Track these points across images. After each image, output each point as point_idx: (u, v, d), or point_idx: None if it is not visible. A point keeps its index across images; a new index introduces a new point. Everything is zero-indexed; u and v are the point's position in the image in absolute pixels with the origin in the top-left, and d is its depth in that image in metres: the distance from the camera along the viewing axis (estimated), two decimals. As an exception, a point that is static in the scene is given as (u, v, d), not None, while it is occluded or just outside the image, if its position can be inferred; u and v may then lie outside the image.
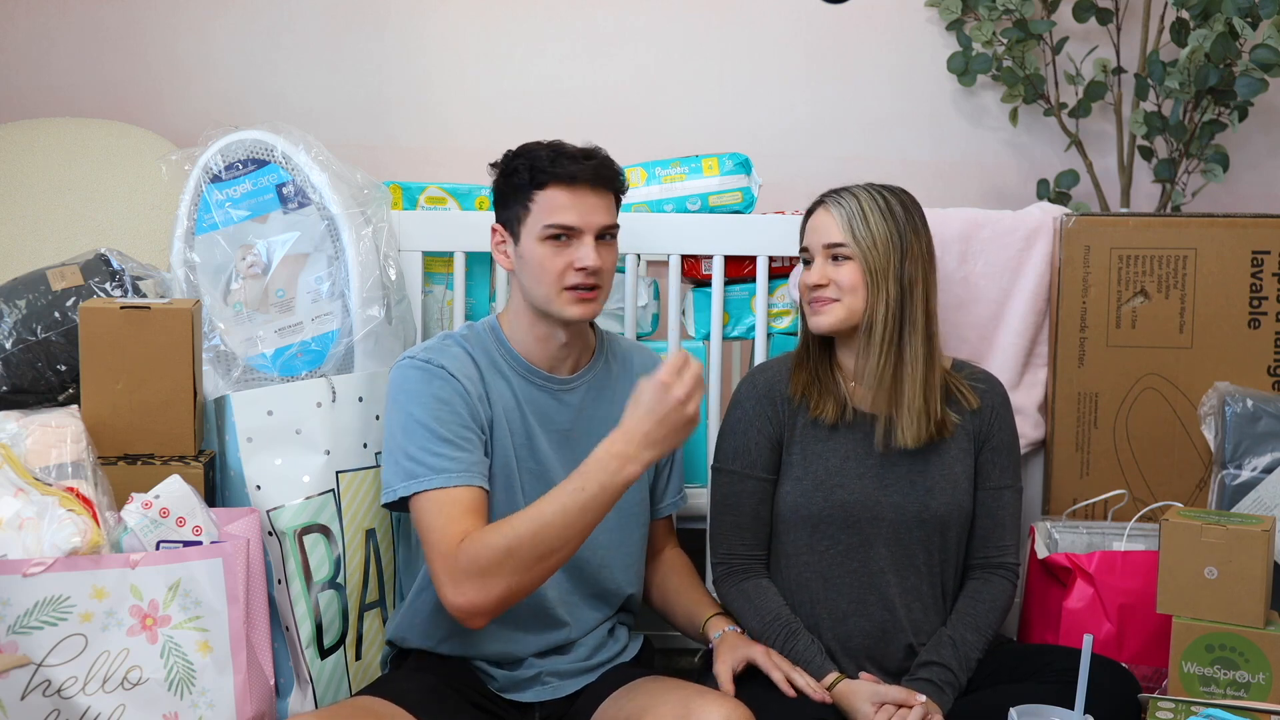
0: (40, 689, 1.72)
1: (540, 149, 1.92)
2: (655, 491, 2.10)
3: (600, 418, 2.01)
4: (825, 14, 3.11)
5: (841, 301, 1.96)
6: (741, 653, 1.91)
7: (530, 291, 1.93)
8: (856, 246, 1.95)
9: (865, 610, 1.98)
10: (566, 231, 1.89)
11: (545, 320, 1.94)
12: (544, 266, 1.89)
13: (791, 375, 2.04)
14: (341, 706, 1.85)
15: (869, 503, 1.98)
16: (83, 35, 3.08)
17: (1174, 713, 1.81)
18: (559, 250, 1.89)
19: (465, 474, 1.83)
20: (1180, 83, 2.82)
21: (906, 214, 1.98)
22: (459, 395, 1.88)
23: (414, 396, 1.87)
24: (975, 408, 2.03)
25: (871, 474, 1.99)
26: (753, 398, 2.04)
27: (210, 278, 2.22)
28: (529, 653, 1.95)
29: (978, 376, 2.08)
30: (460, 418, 1.87)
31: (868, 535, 1.98)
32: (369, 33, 3.10)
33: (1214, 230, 2.32)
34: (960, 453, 2.02)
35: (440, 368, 1.89)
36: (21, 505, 1.76)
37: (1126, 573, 2.06)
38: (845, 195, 1.99)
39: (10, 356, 2.09)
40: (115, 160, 2.61)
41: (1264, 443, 2.20)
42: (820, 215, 2.01)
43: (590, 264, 1.88)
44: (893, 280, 1.95)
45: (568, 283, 1.89)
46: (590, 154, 1.93)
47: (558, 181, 1.89)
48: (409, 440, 1.85)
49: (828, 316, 1.97)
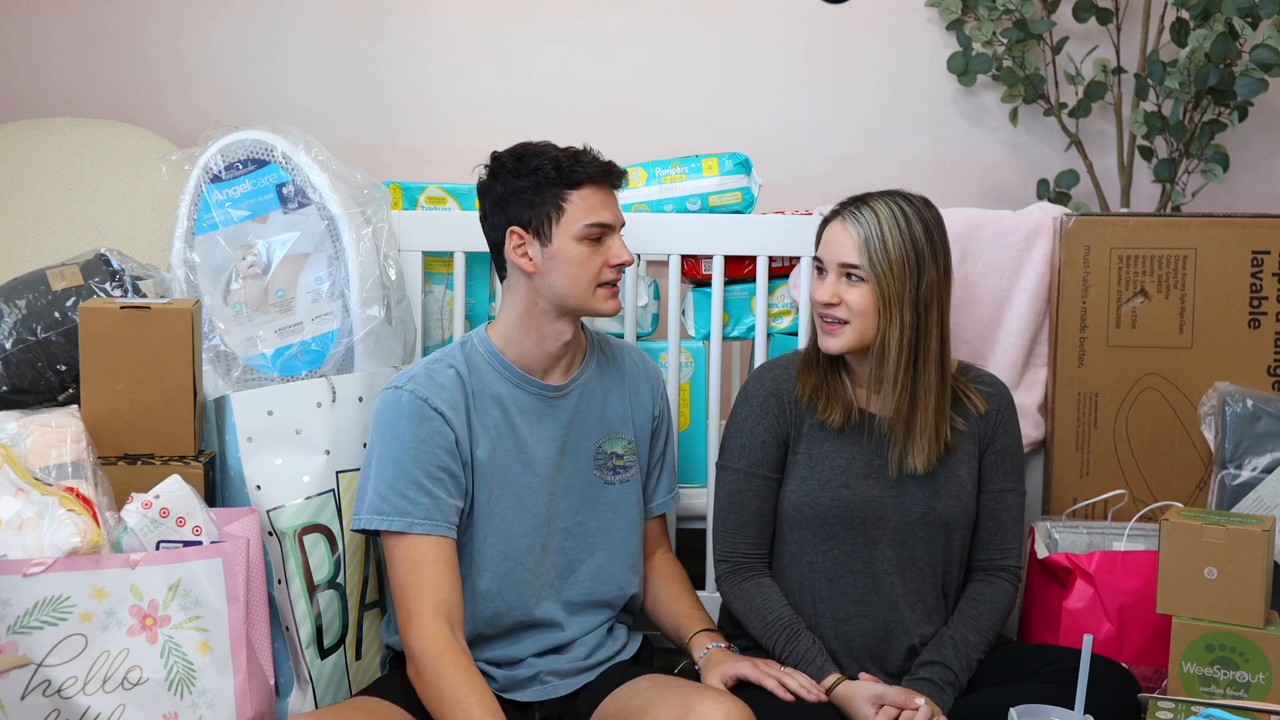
0: (40, 689, 1.72)
1: (551, 150, 1.94)
2: (646, 491, 2.10)
3: (593, 421, 2.01)
4: (825, 14, 3.11)
5: (851, 325, 1.93)
6: (729, 668, 1.90)
7: (561, 290, 1.92)
8: (872, 270, 1.90)
9: (868, 611, 1.98)
10: (604, 230, 1.93)
11: (558, 318, 1.95)
12: (583, 265, 1.91)
13: (799, 377, 2.03)
14: (341, 707, 1.86)
15: (874, 504, 1.98)
16: (83, 35, 3.08)
17: (1174, 713, 1.81)
18: (595, 249, 1.93)
19: (428, 522, 1.86)
20: (1180, 83, 2.81)
21: (927, 233, 1.92)
22: (440, 434, 1.89)
23: (395, 432, 1.89)
24: (983, 412, 2.02)
25: (878, 475, 1.99)
26: (760, 395, 2.03)
27: (210, 278, 2.22)
28: (528, 653, 1.95)
29: (983, 380, 2.07)
30: (437, 458, 1.89)
31: (872, 536, 1.98)
32: (369, 33, 3.09)
33: (1214, 230, 2.32)
34: (966, 456, 2.01)
35: (424, 401, 1.90)
36: (21, 505, 1.76)
37: (1126, 573, 2.07)
38: (865, 211, 1.92)
39: (10, 356, 2.09)
40: (115, 160, 2.61)
41: (1264, 443, 2.20)
42: (837, 229, 1.95)
43: (628, 258, 1.94)
44: (907, 306, 1.90)
45: (603, 279, 1.93)
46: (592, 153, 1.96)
47: (591, 182, 1.92)
48: (381, 475, 1.89)
49: (837, 340, 1.95)
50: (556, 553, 1.98)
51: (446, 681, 1.77)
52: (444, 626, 1.81)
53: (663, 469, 2.12)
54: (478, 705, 1.74)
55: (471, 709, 1.73)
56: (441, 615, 1.82)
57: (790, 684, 1.86)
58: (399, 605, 1.85)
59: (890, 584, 1.98)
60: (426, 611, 1.82)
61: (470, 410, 1.93)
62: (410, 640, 1.82)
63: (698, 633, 2.00)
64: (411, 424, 1.89)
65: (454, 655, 1.79)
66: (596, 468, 2.01)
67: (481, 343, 1.99)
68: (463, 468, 1.91)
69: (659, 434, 2.11)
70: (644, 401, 2.08)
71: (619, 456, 2.03)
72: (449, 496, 1.89)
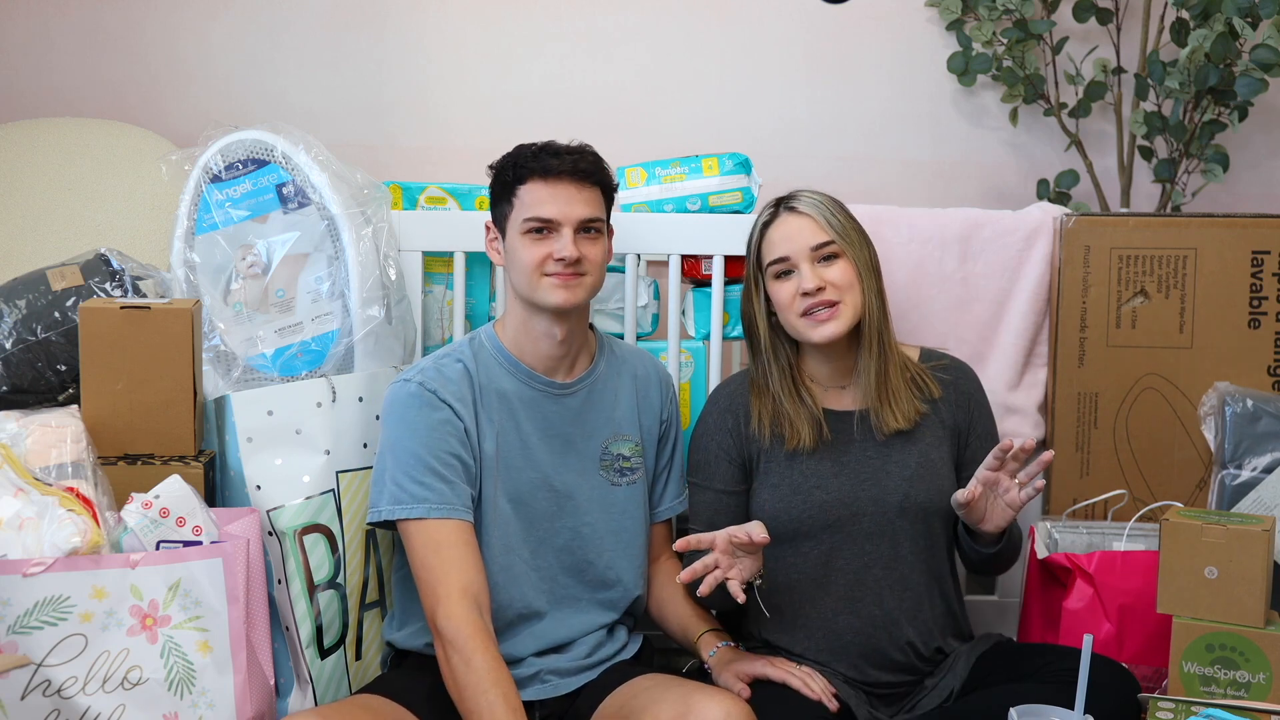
0: (40, 689, 1.72)
1: (528, 147, 1.97)
2: (653, 495, 2.10)
3: (600, 421, 2.02)
4: (825, 14, 3.11)
5: (844, 302, 1.95)
6: (745, 666, 1.90)
7: (515, 284, 1.97)
8: (844, 241, 1.95)
9: (855, 608, 1.98)
10: (545, 225, 1.92)
11: (536, 315, 1.96)
12: (524, 259, 1.93)
13: (752, 407, 2.02)
14: (342, 704, 1.87)
15: (848, 500, 1.97)
16: (83, 35, 3.07)
17: (1174, 713, 1.81)
18: (539, 243, 1.93)
19: (446, 506, 1.87)
20: (1180, 83, 2.81)
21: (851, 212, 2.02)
22: (450, 423, 1.91)
23: (406, 422, 1.91)
24: (937, 397, 2.03)
25: (848, 471, 1.98)
26: (715, 414, 2.06)
27: (210, 278, 2.22)
28: (529, 652, 1.95)
29: (945, 366, 2.07)
30: (449, 445, 1.90)
31: (850, 532, 1.98)
32: (369, 33, 3.09)
33: (1214, 230, 2.32)
34: (935, 440, 2.02)
35: (433, 393, 1.91)
36: (21, 505, 1.76)
37: (1126, 573, 2.06)
38: (800, 200, 1.99)
39: (10, 356, 2.09)
40: (115, 160, 2.61)
41: (1264, 443, 2.20)
42: (790, 221, 1.98)
43: (566, 254, 1.91)
44: (874, 272, 1.98)
45: (547, 270, 1.92)
46: (574, 150, 1.96)
47: (535, 176, 1.93)
48: (397, 465, 1.89)
49: (838, 322, 1.95)
50: (562, 551, 1.99)
51: (474, 669, 1.76)
52: (473, 609, 1.80)
53: (670, 474, 2.12)
54: (501, 700, 1.73)
55: (495, 702, 1.73)
56: (469, 598, 1.81)
57: (815, 685, 1.86)
58: (425, 591, 1.84)
59: (875, 578, 1.98)
60: (455, 594, 1.81)
61: (477, 404, 1.94)
62: (439, 622, 1.80)
63: (706, 632, 2.00)
64: (422, 414, 1.90)
65: (483, 641, 1.78)
66: (603, 468, 2.01)
67: (489, 339, 2.00)
68: (470, 458, 1.92)
69: (667, 438, 2.11)
70: (653, 405, 2.09)
71: (625, 458, 2.03)
72: (463, 482, 1.90)
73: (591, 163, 1.96)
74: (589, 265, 1.94)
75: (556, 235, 1.92)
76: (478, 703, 1.73)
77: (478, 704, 1.73)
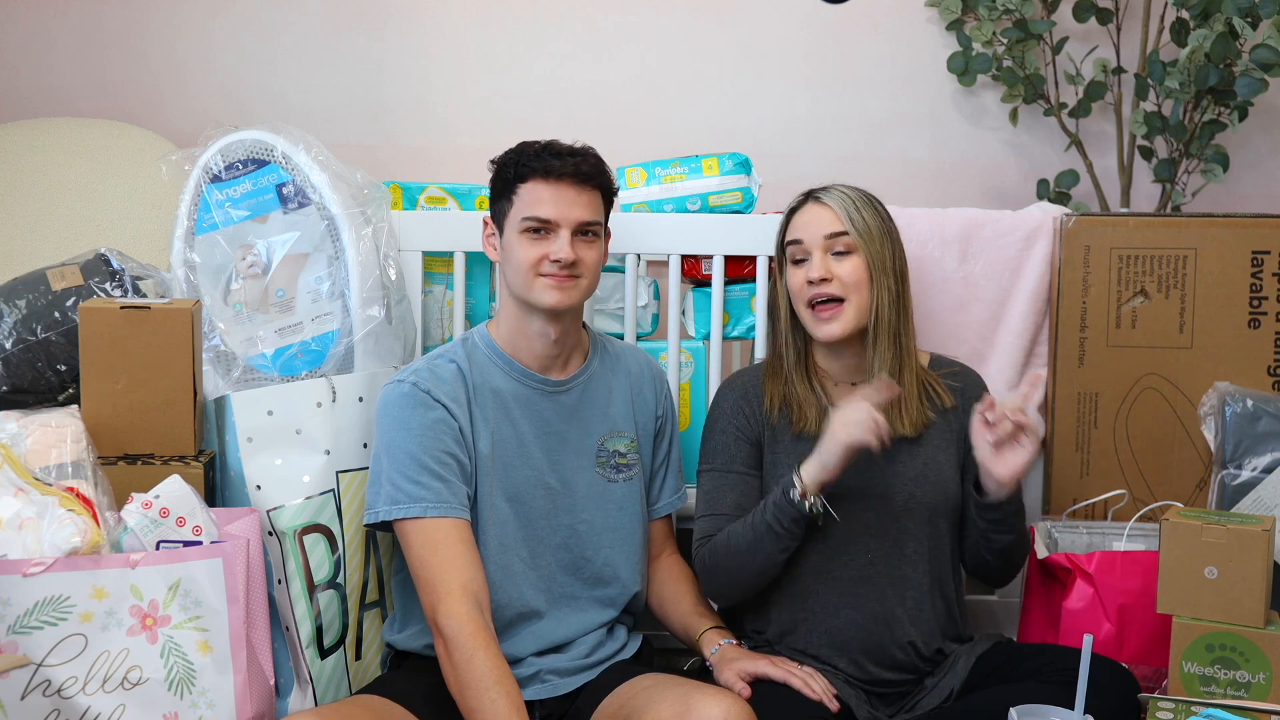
0: (40, 689, 1.72)
1: (531, 146, 1.96)
2: (651, 491, 2.10)
3: (595, 417, 2.02)
4: (825, 14, 3.11)
5: (849, 301, 1.95)
6: (747, 665, 1.90)
7: (510, 281, 1.97)
8: (859, 236, 1.96)
9: (857, 603, 1.98)
10: (543, 225, 1.93)
11: (530, 314, 1.96)
12: (520, 258, 1.93)
13: (765, 388, 2.04)
14: (341, 704, 1.87)
15: (854, 496, 1.97)
16: (83, 35, 3.08)
17: (1174, 713, 1.81)
18: (536, 242, 1.93)
19: (443, 505, 1.87)
20: (1180, 83, 2.81)
21: (885, 212, 2.02)
22: (445, 422, 1.91)
23: (400, 423, 1.91)
24: (949, 406, 2.03)
25: (854, 468, 1.98)
26: (731, 399, 2.05)
27: (210, 278, 2.22)
28: (528, 651, 1.95)
29: (954, 372, 2.08)
30: (444, 444, 1.90)
31: (854, 529, 1.98)
32: (369, 33, 3.09)
33: (1214, 230, 2.32)
34: (943, 442, 2.02)
35: (427, 393, 1.92)
36: (21, 505, 1.76)
37: (1126, 573, 2.06)
38: (832, 192, 2.01)
39: (10, 356, 2.09)
40: (115, 160, 2.61)
41: (1264, 443, 2.20)
42: (812, 209, 2.00)
43: (563, 256, 1.91)
44: (891, 275, 1.97)
45: (542, 270, 1.93)
46: (577, 151, 1.96)
47: (538, 176, 1.93)
48: (393, 466, 1.89)
49: (840, 323, 1.96)
50: (559, 549, 1.99)
51: (476, 667, 1.75)
52: (474, 608, 1.80)
53: (668, 470, 2.12)
54: (504, 698, 1.73)
55: (498, 700, 1.72)
56: (469, 596, 1.81)
57: (816, 686, 1.86)
58: (424, 590, 1.84)
59: (877, 574, 1.98)
60: (455, 592, 1.81)
61: (471, 404, 1.94)
62: (440, 621, 1.80)
63: (708, 630, 2.00)
64: (416, 414, 1.91)
65: (485, 640, 1.78)
66: (599, 465, 2.02)
67: (482, 338, 2.01)
68: (465, 457, 1.92)
69: (663, 434, 2.11)
70: (648, 401, 2.09)
71: (621, 455, 2.04)
72: (460, 481, 1.90)
73: (593, 165, 1.96)
74: (584, 268, 1.94)
75: (554, 236, 1.93)
76: (480, 701, 1.73)
77: (480, 702, 1.73)
